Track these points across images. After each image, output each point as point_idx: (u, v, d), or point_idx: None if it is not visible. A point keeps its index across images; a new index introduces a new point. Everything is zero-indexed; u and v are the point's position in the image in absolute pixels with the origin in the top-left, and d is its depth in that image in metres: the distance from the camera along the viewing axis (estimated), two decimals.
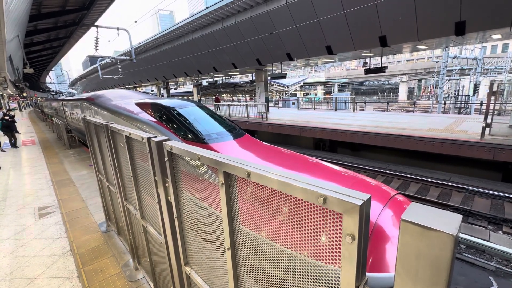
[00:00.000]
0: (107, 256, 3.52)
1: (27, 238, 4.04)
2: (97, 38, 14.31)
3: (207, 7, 13.69)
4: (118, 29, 14.02)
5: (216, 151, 1.33)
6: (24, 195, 5.85)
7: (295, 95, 42.67)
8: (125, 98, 6.73)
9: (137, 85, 35.00)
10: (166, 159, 1.70)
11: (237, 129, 5.37)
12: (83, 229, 4.24)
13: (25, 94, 33.81)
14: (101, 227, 4.26)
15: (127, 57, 16.56)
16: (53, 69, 36.29)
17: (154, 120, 5.06)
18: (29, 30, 12.47)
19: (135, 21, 20.15)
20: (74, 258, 3.49)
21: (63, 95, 31.28)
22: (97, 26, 13.33)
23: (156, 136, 1.88)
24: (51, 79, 47.64)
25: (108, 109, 6.36)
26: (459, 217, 0.58)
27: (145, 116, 5.26)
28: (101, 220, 4.44)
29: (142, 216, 2.56)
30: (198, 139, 4.45)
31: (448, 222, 0.56)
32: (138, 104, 5.85)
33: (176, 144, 1.60)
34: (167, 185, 1.81)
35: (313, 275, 0.90)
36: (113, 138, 2.79)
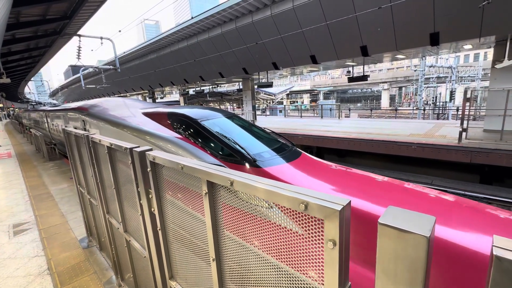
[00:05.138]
0: (88, 273, 3.34)
1: (0, 258, 3.78)
2: (79, 47, 14.02)
3: (192, 17, 13.80)
4: (101, 38, 13.80)
5: (276, 178, 1.23)
6: None
7: (282, 103, 43.24)
8: (125, 107, 5.76)
9: (121, 94, 34.36)
10: (149, 169, 1.66)
11: (290, 146, 4.13)
12: (63, 246, 4.02)
13: (1, 105, 32.34)
14: (82, 243, 4.06)
15: (111, 67, 16.28)
16: (32, 79, 35.05)
17: (178, 136, 3.93)
18: (7, 39, 12.03)
19: (119, 31, 19.92)
20: (52, 277, 3.28)
21: (44, 106, 30.08)
22: (79, 36, 13.07)
23: (138, 146, 1.84)
24: (30, 89, 45.85)
25: (108, 121, 5.20)
26: (433, 219, 0.60)
27: (163, 130, 4.17)
28: (82, 236, 4.24)
29: (125, 229, 2.47)
30: (248, 161, 3.31)
31: (422, 224, 0.58)
32: (147, 115, 4.82)
33: (159, 154, 1.57)
34: (150, 196, 1.76)
35: (298, 282, 0.89)
36: (94, 149, 2.71)
